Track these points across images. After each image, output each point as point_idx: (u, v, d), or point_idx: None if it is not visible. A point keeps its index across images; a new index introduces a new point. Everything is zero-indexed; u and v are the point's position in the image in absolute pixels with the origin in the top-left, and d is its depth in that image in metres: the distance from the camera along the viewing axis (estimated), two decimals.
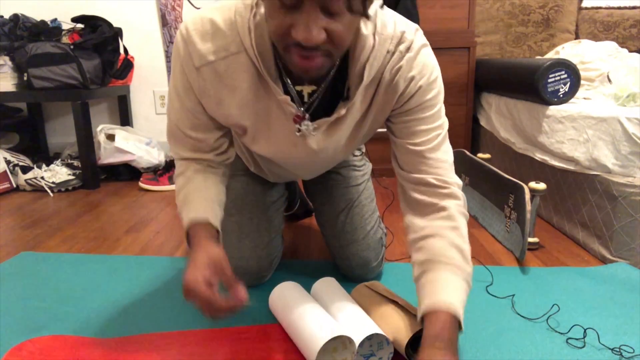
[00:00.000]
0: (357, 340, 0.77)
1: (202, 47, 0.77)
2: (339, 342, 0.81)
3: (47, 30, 2.08)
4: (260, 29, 0.75)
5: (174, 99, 0.86)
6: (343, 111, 0.81)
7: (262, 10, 0.74)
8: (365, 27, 0.76)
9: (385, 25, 0.78)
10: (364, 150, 1.24)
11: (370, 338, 0.81)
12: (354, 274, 1.12)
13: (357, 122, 0.86)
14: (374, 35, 0.77)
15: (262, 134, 0.87)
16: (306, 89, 0.82)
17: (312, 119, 0.83)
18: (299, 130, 0.83)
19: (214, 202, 0.89)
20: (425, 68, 0.82)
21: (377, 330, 0.79)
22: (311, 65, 0.68)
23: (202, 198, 0.87)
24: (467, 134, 2.18)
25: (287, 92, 0.81)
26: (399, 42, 0.80)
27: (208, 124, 0.88)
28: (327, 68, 0.73)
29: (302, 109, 0.82)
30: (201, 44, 0.77)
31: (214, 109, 0.84)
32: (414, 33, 0.81)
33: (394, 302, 0.87)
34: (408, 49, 0.80)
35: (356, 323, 0.81)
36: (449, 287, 0.75)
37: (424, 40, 0.83)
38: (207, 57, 0.78)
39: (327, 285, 0.96)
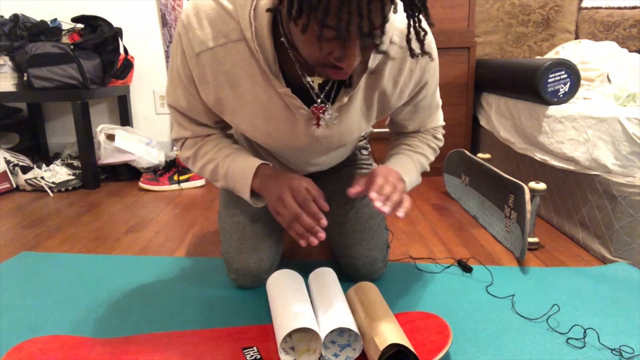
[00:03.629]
0: (326, 331, 0.81)
1: (201, 34, 0.78)
2: (313, 333, 0.86)
3: (47, 30, 2.08)
4: (259, 22, 0.75)
5: (176, 83, 0.87)
6: (345, 99, 0.82)
7: (262, 2, 0.74)
8: None
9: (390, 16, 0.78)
10: (370, 149, 1.24)
11: (344, 331, 0.87)
12: (359, 274, 1.11)
13: (364, 110, 0.89)
14: None
15: (262, 126, 0.87)
16: (317, 80, 0.82)
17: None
18: (318, 119, 0.85)
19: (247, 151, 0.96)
20: (435, 68, 0.92)
21: (349, 325, 0.82)
22: (342, 78, 0.72)
23: (242, 152, 0.94)
24: (467, 134, 2.19)
25: (291, 83, 0.81)
26: (407, 37, 0.80)
27: (207, 111, 0.90)
28: None
29: (319, 99, 0.84)
30: (200, 30, 0.78)
31: (212, 97, 0.85)
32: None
33: (369, 320, 0.86)
34: (420, 48, 0.81)
35: (334, 315, 0.84)
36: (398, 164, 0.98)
37: (430, 32, 0.85)
38: (207, 43, 0.78)
39: (322, 275, 1.00)
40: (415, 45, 0.82)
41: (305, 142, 0.90)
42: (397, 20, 0.81)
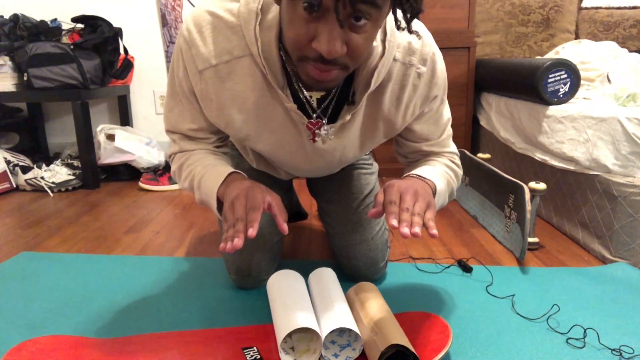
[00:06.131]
0: (326, 332, 0.80)
1: (204, 50, 0.77)
2: (314, 333, 0.85)
3: (47, 30, 2.08)
4: (266, 36, 0.75)
5: (179, 98, 0.87)
6: (348, 117, 0.83)
7: (268, 17, 0.74)
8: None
9: (394, 32, 0.79)
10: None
11: (343, 331, 0.86)
12: (360, 274, 1.11)
13: (367, 128, 0.89)
14: (383, 42, 0.78)
15: (266, 139, 0.88)
16: (315, 95, 0.83)
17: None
18: (314, 134, 0.84)
19: (229, 163, 0.93)
20: (441, 79, 0.87)
21: (349, 325, 0.81)
22: (326, 78, 0.69)
23: (222, 164, 0.90)
24: (467, 134, 2.19)
25: (295, 97, 0.82)
26: (408, 53, 0.82)
27: (209, 126, 0.89)
28: (340, 80, 0.75)
29: (315, 115, 0.84)
30: (204, 46, 0.77)
31: (215, 114, 0.84)
32: (420, 40, 0.82)
33: (369, 320, 0.86)
34: (421, 61, 0.83)
35: (334, 315, 0.84)
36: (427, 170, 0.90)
37: (433, 45, 0.85)
38: (210, 60, 0.78)
39: (322, 275, 1.00)
40: (416, 59, 0.83)
41: (308, 155, 0.90)
42: (400, 37, 0.80)
